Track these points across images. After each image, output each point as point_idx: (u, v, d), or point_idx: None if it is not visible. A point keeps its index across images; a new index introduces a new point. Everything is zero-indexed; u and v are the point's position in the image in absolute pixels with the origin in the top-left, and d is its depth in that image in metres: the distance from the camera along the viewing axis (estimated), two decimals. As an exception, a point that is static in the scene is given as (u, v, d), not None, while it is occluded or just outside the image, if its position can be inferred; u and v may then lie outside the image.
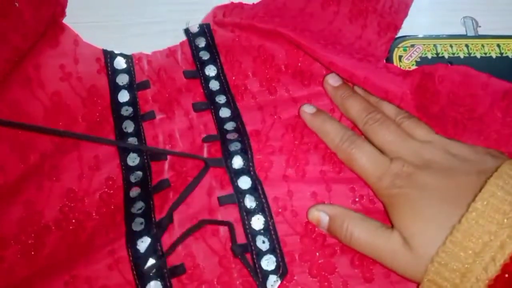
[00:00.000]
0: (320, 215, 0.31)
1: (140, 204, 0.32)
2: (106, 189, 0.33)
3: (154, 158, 0.34)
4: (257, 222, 0.31)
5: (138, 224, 0.31)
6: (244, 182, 0.33)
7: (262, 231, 0.31)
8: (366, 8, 0.41)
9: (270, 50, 0.39)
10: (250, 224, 0.31)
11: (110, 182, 0.33)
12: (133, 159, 0.34)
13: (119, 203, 0.32)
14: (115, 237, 0.31)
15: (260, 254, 0.31)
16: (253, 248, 0.31)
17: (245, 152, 0.34)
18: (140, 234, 0.30)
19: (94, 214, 0.32)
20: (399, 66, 0.40)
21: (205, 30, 0.39)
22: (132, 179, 0.33)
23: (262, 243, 0.31)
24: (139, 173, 0.33)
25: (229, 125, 0.35)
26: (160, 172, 0.34)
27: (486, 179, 0.27)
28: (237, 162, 0.33)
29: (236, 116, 0.36)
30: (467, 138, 0.33)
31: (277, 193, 0.33)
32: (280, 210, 0.32)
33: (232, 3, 0.41)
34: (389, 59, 0.40)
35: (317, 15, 0.41)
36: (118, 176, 0.33)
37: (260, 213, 0.32)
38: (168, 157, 0.34)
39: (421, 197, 0.28)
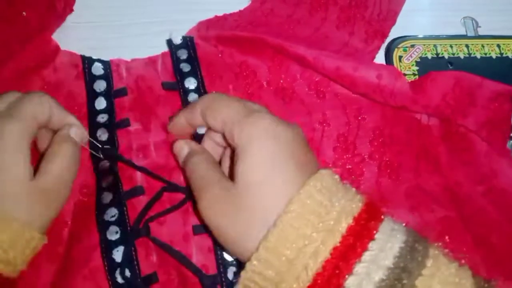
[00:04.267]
0: (183, 147, 0.31)
1: (113, 211, 0.31)
2: (80, 197, 0.33)
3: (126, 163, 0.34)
4: None
5: (113, 233, 0.31)
6: None
7: (234, 262, 0.30)
8: (354, 15, 0.41)
9: (252, 66, 0.38)
10: (222, 255, 0.31)
11: (85, 190, 0.33)
12: (105, 164, 0.33)
13: (93, 210, 0.32)
14: (90, 246, 0.31)
15: (230, 286, 0.30)
16: (223, 279, 0.30)
17: None
18: (115, 243, 0.30)
19: (69, 222, 0.32)
20: (399, 66, 0.40)
21: (188, 42, 0.39)
22: (104, 184, 0.33)
23: (234, 275, 0.30)
24: (110, 178, 0.33)
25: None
26: (133, 177, 0.33)
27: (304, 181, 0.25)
28: None
29: None
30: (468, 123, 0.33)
31: None
32: None
33: (216, 16, 0.41)
34: (389, 60, 0.40)
35: (305, 21, 0.40)
36: (92, 184, 0.33)
37: None
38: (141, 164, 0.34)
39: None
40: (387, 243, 0.23)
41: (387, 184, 0.34)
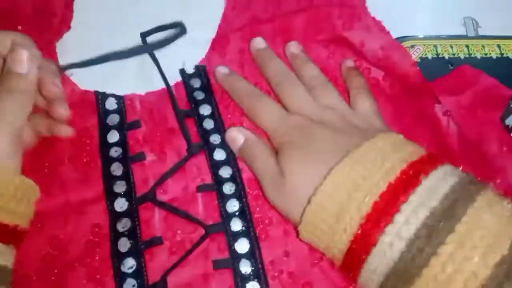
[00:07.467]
0: (237, 136, 0.34)
1: (131, 262, 0.31)
2: (91, 237, 0.32)
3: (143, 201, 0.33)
4: None
5: (130, 286, 0.30)
6: (242, 246, 0.31)
7: None
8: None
9: (266, 87, 0.37)
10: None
11: (96, 229, 0.32)
12: (121, 205, 0.32)
13: (105, 255, 0.31)
14: None
15: None
16: None
17: (244, 213, 0.32)
18: None
19: (77, 264, 0.31)
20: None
21: (200, 72, 0.38)
22: (120, 227, 0.32)
23: None
24: (127, 221, 0.32)
25: (225, 172, 0.34)
26: (149, 222, 0.33)
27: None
28: (236, 225, 0.32)
29: (232, 159, 0.34)
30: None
31: (274, 256, 0.32)
32: (276, 274, 0.31)
33: (218, 34, 0.40)
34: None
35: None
36: (104, 223, 0.32)
37: (256, 280, 0.30)
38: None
39: (308, 145, 0.31)
40: (438, 184, 0.25)
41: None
